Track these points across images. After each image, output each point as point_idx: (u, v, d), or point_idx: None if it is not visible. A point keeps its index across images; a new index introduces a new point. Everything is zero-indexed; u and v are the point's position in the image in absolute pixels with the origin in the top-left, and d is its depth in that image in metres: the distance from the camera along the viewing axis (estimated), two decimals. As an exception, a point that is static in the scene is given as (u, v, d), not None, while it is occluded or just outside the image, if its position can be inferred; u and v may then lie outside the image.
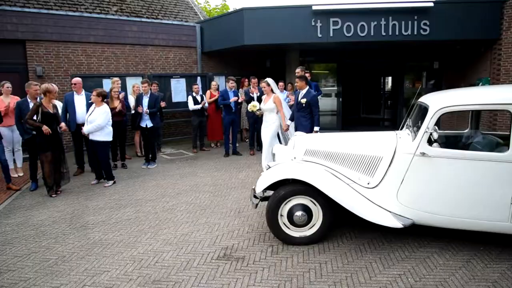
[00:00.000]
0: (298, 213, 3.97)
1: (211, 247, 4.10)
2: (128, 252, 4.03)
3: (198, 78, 11.26)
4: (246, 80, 10.25)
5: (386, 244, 4.04)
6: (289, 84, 10.53)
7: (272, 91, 7.10)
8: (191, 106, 9.33)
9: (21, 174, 7.65)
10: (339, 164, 4.23)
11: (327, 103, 13.02)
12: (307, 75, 8.27)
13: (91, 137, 6.56)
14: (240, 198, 5.76)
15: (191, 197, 5.86)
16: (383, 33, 9.82)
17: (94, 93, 6.53)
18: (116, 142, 7.93)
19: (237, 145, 9.35)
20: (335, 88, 13.21)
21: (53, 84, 6.47)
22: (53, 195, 6.16)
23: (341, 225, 4.49)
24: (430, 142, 3.74)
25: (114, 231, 4.61)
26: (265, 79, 7.19)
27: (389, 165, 3.93)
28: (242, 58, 12.86)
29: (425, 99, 4.21)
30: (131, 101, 8.67)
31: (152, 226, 4.74)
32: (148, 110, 7.86)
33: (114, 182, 6.81)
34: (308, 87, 6.60)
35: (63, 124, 6.40)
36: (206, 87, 10.67)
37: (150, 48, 11.34)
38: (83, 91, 7.52)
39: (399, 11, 9.70)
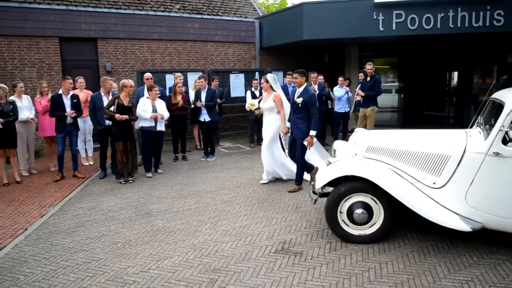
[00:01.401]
0: (358, 211, 3.90)
1: (269, 240, 4.15)
2: (189, 240, 4.20)
3: (257, 73, 11.36)
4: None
5: (451, 248, 3.84)
6: (347, 80, 10.32)
7: (271, 88, 6.36)
8: (249, 100, 9.47)
9: (91, 163, 8.22)
10: (403, 162, 4.08)
11: (387, 99, 12.56)
12: (370, 70, 8.06)
13: (159, 128, 7.04)
14: (298, 193, 5.76)
15: (249, 191, 5.96)
16: (451, 25, 9.28)
17: (155, 89, 7.04)
18: (177, 135, 8.26)
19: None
20: (396, 83, 12.71)
21: (129, 80, 6.89)
22: (122, 182, 6.60)
23: (403, 225, 4.34)
24: (504, 141, 3.49)
25: (176, 220, 4.82)
26: (265, 75, 6.56)
27: (458, 165, 3.72)
28: (301, 53, 12.80)
29: (500, 95, 3.93)
30: (191, 95, 8.97)
31: (211, 217, 4.90)
32: (204, 103, 8.07)
33: None
34: (306, 84, 5.80)
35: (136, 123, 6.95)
36: (264, 82, 10.74)
37: (210, 44, 11.64)
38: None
39: (469, 1, 9.10)
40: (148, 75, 7.82)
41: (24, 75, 9.46)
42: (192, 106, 8.75)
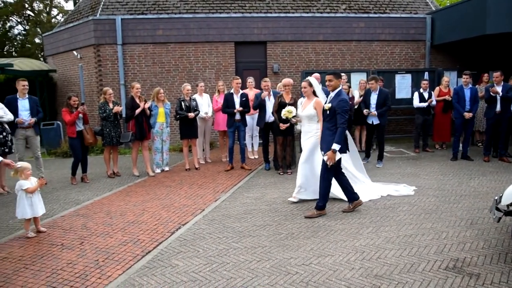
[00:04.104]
0: (560, 238, 3.23)
1: (438, 255, 3.78)
2: (350, 242, 4.15)
3: (426, 73, 10.48)
4: (486, 75, 8.95)
5: None
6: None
7: (314, 93, 5.57)
8: (416, 103, 8.83)
9: (256, 157, 8.91)
10: None
11: None
12: None
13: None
14: (473, 208, 5.10)
15: (414, 199, 5.55)
16: None
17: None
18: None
19: (468, 148, 8.27)
20: None
21: (288, 79, 7.26)
22: (280, 173, 7.07)
23: None
24: None
25: (336, 219, 4.83)
26: (307, 78, 5.63)
27: None
28: (477, 50, 11.31)
29: None
30: (356, 96, 8.82)
31: (373, 221, 4.73)
32: (376, 113, 7.72)
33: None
34: (340, 87, 4.90)
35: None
36: (434, 83, 9.86)
37: (375, 44, 11.28)
38: (320, 85, 8.10)
39: None
40: (316, 75, 8.02)
41: (205, 76, 10.84)
42: (355, 106, 8.55)
